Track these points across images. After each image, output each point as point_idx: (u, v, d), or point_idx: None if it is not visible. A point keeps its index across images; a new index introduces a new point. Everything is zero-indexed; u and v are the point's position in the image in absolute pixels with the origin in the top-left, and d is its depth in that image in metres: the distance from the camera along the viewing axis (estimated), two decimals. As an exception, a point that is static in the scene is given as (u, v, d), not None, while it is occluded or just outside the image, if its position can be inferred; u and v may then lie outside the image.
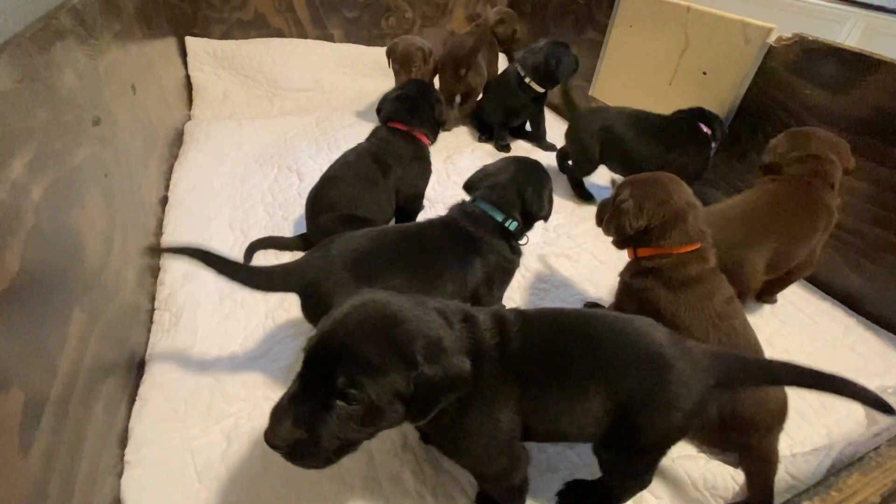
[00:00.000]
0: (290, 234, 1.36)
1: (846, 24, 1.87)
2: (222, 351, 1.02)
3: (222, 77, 2.17)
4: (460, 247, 0.93)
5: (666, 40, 1.70)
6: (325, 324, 0.56)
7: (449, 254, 0.92)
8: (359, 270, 0.84)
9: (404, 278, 0.86)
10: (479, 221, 0.95)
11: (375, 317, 0.55)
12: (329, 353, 0.53)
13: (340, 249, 0.87)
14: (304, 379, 0.55)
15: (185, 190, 1.47)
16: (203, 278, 1.19)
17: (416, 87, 1.27)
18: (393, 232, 0.96)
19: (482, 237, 0.94)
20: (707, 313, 0.86)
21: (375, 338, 0.54)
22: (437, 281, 0.90)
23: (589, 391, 0.64)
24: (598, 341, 0.66)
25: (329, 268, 0.84)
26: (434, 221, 0.98)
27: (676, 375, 0.64)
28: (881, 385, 1.04)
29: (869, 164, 1.20)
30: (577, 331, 0.68)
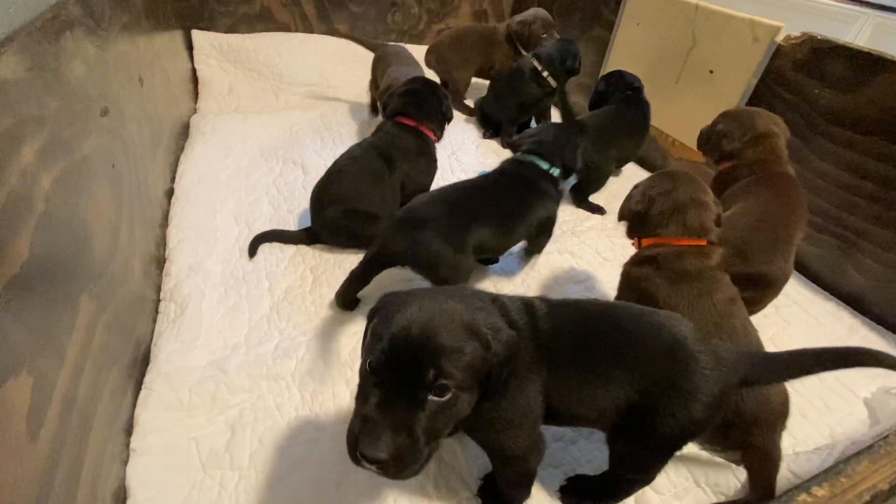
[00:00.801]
0: (295, 227, 1.36)
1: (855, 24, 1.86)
2: (227, 342, 1.03)
3: (228, 71, 2.17)
4: (524, 192, 1.09)
5: (673, 38, 1.69)
6: (395, 329, 0.54)
7: (518, 199, 1.08)
8: (456, 222, 0.99)
9: (490, 226, 1.03)
10: (531, 170, 1.12)
11: (440, 311, 0.56)
12: (411, 351, 0.53)
13: (429, 212, 0.99)
14: (386, 385, 0.54)
15: (191, 182, 1.48)
16: (208, 269, 1.20)
17: (422, 83, 1.27)
18: (465, 187, 1.09)
19: (538, 183, 1.11)
20: (707, 311, 0.85)
21: (450, 328, 0.55)
22: (516, 224, 1.07)
23: (613, 376, 0.65)
24: (622, 328, 0.68)
25: (430, 226, 0.97)
26: (492, 175, 1.12)
27: (699, 367, 0.64)
28: (884, 386, 1.04)
29: (876, 163, 1.19)
30: (602, 317, 0.70)
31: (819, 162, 1.31)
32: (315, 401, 0.93)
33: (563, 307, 0.70)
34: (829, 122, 1.28)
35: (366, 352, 0.59)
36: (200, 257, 1.23)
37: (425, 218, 0.98)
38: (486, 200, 1.06)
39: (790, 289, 1.32)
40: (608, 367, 0.65)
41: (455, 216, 1.00)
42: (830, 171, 1.29)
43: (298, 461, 0.83)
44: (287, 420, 0.89)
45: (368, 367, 0.55)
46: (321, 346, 1.03)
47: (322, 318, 1.10)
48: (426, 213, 0.99)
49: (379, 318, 0.58)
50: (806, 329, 1.19)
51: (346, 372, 0.98)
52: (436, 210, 1.00)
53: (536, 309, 0.68)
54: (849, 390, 1.04)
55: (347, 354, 1.02)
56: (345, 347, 1.03)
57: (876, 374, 1.08)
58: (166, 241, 1.27)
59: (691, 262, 0.88)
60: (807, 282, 1.35)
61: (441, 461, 0.84)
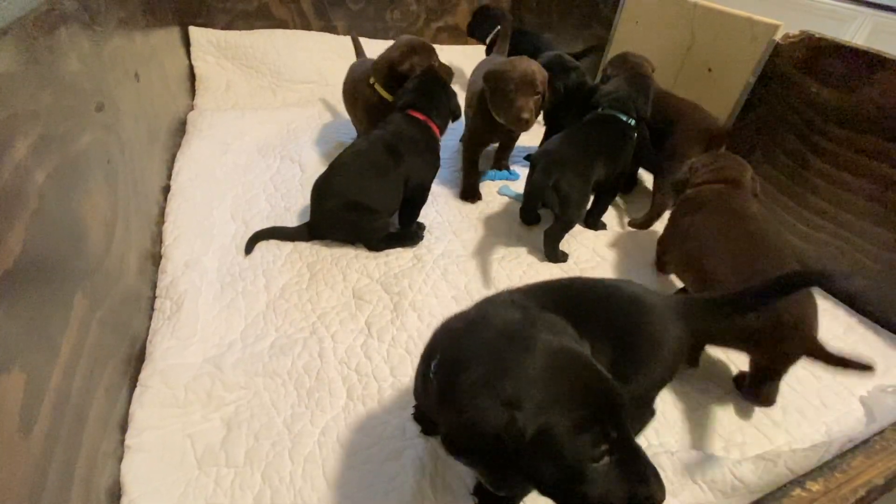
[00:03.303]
0: (293, 224, 1.35)
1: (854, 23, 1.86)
2: (223, 339, 1.02)
3: (225, 67, 2.16)
4: (618, 138, 1.34)
5: (671, 37, 1.69)
6: (574, 379, 0.51)
7: (615, 143, 1.34)
8: (586, 162, 1.27)
9: (605, 165, 1.31)
10: (617, 122, 1.35)
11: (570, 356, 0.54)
12: (606, 394, 0.50)
13: (567, 153, 1.26)
14: (614, 433, 0.49)
15: (188, 179, 1.47)
16: (205, 266, 1.20)
17: (432, 78, 1.28)
18: (584, 132, 1.34)
19: (626, 131, 1.34)
20: (743, 230, 0.99)
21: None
22: (617, 165, 1.34)
23: (596, 334, 0.68)
24: (589, 293, 0.76)
25: (570, 166, 1.25)
26: (588, 122, 1.37)
27: (657, 315, 0.73)
28: (880, 384, 1.04)
29: (873, 162, 1.19)
30: (568, 289, 0.78)
31: (817, 160, 1.31)
32: (311, 398, 0.92)
33: (533, 290, 0.75)
34: (827, 120, 1.28)
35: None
36: (197, 254, 1.22)
37: (565, 158, 1.24)
38: (599, 144, 1.31)
39: (787, 287, 1.32)
40: (589, 327, 0.65)
41: (585, 157, 1.27)
42: (828, 170, 1.29)
43: (294, 459, 0.83)
44: (283, 417, 0.89)
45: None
46: (318, 344, 1.03)
47: (318, 316, 1.09)
48: (564, 154, 1.25)
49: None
50: (803, 327, 1.20)
51: (342, 369, 0.98)
52: (571, 151, 1.26)
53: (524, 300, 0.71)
54: (846, 389, 1.04)
55: (344, 352, 1.01)
56: (341, 345, 1.03)
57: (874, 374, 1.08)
58: (162, 237, 1.26)
59: (728, 193, 1.08)
60: (804, 280, 1.35)
61: (437, 457, 0.84)
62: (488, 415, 0.48)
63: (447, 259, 1.30)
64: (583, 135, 1.33)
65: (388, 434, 0.87)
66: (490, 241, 1.38)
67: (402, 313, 1.11)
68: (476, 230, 1.43)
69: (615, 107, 1.37)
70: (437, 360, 0.60)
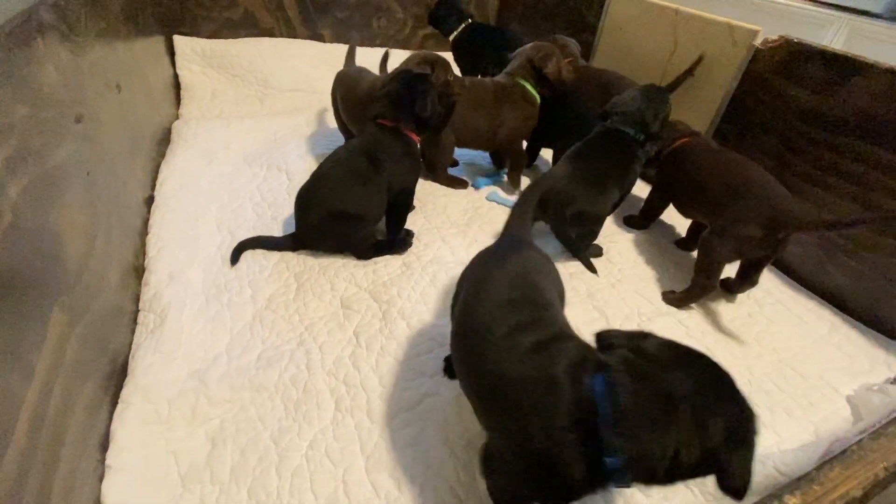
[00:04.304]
0: (280, 233, 1.34)
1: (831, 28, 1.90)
2: (207, 353, 1.01)
3: (211, 76, 2.15)
4: (625, 157, 1.32)
5: (655, 42, 1.71)
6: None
7: (622, 163, 1.32)
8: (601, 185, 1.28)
9: (617, 187, 1.31)
10: (624, 138, 1.32)
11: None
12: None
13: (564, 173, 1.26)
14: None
15: (172, 189, 1.45)
16: (189, 278, 1.18)
17: (401, 81, 1.25)
18: (587, 144, 1.34)
19: (632, 148, 1.32)
20: (718, 163, 1.24)
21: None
22: (625, 184, 1.35)
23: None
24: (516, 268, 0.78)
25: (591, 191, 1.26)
26: (593, 138, 1.35)
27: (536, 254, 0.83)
28: (866, 383, 1.05)
29: (852, 163, 1.21)
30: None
31: (798, 162, 1.33)
32: (298, 411, 0.91)
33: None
34: (807, 123, 1.31)
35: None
36: (181, 266, 1.20)
37: (576, 194, 1.23)
38: (606, 166, 1.30)
39: (773, 287, 1.34)
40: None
41: (596, 184, 1.27)
42: (810, 172, 1.31)
43: (281, 473, 0.81)
44: (270, 432, 0.88)
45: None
46: (305, 355, 1.01)
47: (306, 326, 1.08)
48: (575, 189, 1.24)
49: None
50: (789, 328, 1.21)
51: (330, 381, 0.97)
52: (579, 184, 1.24)
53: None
54: (832, 388, 1.05)
55: (332, 363, 1.00)
56: (329, 356, 1.01)
57: (859, 372, 1.10)
58: (146, 249, 1.24)
59: (697, 141, 1.34)
60: (789, 280, 1.37)
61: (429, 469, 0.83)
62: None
63: (436, 266, 1.30)
64: (589, 162, 1.29)
65: (378, 445, 0.86)
66: (479, 247, 1.38)
67: (391, 322, 1.10)
68: (465, 236, 1.43)
69: (622, 121, 1.34)
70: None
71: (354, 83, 1.58)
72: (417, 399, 0.94)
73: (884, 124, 1.15)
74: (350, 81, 1.60)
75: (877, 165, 1.17)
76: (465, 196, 1.63)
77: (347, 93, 1.60)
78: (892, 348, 1.15)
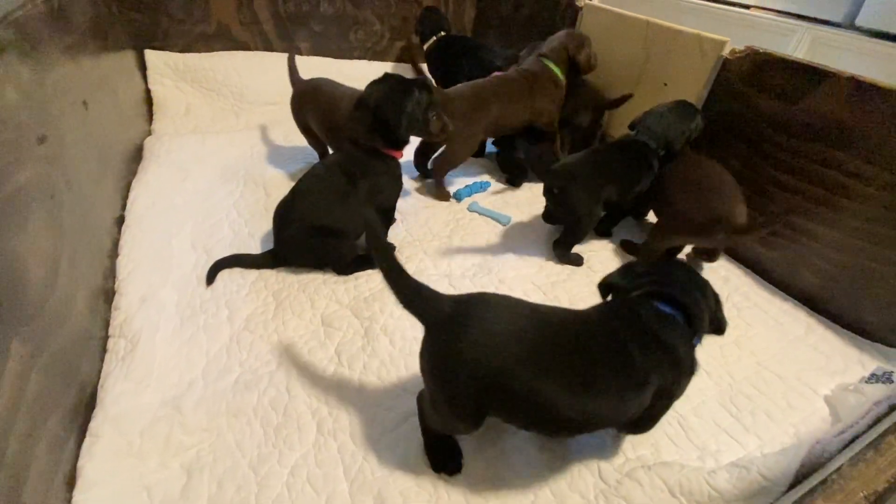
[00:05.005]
0: (257, 251, 1.31)
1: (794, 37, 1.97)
2: (182, 378, 0.97)
3: (184, 91, 2.11)
4: (639, 165, 1.35)
5: (627, 53, 1.75)
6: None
7: (635, 169, 1.35)
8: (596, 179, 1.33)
9: (616, 186, 1.34)
10: (644, 148, 1.37)
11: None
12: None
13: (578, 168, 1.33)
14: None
15: (144, 208, 1.41)
16: (162, 300, 1.14)
17: (376, 99, 1.19)
18: (603, 152, 1.39)
19: (649, 158, 1.36)
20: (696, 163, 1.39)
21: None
22: (632, 188, 1.37)
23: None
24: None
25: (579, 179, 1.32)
26: (615, 143, 1.42)
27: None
28: (842, 382, 1.07)
29: (822, 169, 1.25)
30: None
31: (769, 169, 1.37)
32: (279, 436, 0.88)
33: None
34: (775, 130, 1.34)
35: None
36: (154, 287, 1.17)
37: (576, 172, 1.30)
38: (616, 168, 1.34)
39: (751, 291, 1.36)
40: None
41: (596, 176, 1.31)
42: (780, 178, 1.35)
43: (261, 503, 0.78)
44: (248, 459, 0.84)
45: None
46: (285, 376, 0.98)
47: (286, 347, 1.05)
48: (576, 169, 1.30)
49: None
50: (766, 330, 1.23)
51: (311, 403, 0.94)
52: (584, 168, 1.31)
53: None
54: (810, 388, 1.07)
55: (313, 384, 0.98)
56: (309, 376, 0.99)
57: (835, 372, 1.12)
58: (116, 271, 1.19)
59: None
60: (765, 283, 1.40)
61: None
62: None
63: (418, 278, 1.28)
64: (603, 156, 1.37)
65: (362, 468, 0.84)
66: (461, 259, 1.38)
67: (374, 339, 1.08)
68: (447, 248, 1.42)
69: (648, 134, 1.38)
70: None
71: (333, 99, 1.54)
72: (401, 418, 0.92)
73: (848, 130, 1.19)
74: (326, 97, 1.56)
75: (843, 170, 1.21)
76: (447, 207, 1.63)
77: (326, 109, 1.55)
78: (864, 347, 1.18)
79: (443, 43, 2.18)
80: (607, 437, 0.92)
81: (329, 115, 1.54)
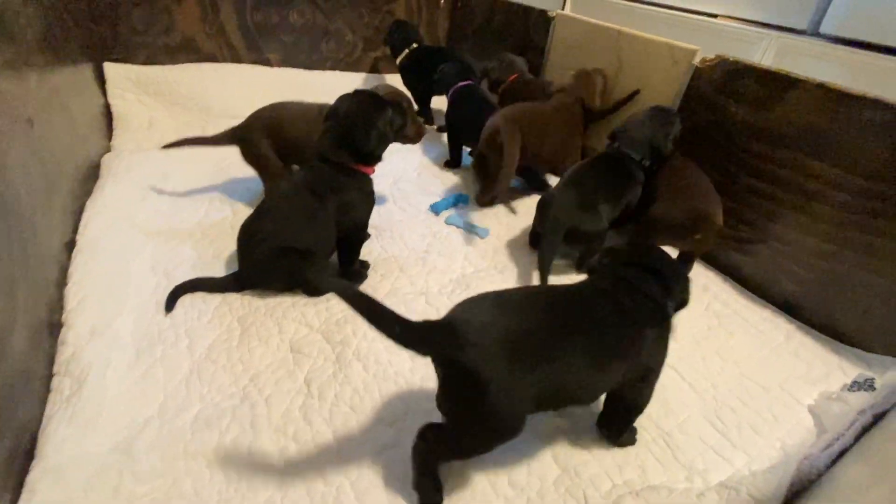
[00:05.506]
0: (223, 273, 1.24)
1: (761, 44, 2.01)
2: (135, 418, 0.89)
3: (147, 104, 2.02)
4: (624, 175, 1.36)
5: (601, 62, 1.74)
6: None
7: (623, 184, 1.35)
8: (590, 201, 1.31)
9: (611, 203, 1.32)
10: (628, 161, 1.36)
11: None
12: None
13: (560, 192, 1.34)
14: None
15: (99, 230, 1.32)
16: (116, 331, 1.05)
17: (345, 113, 1.15)
18: (587, 164, 1.38)
19: (635, 172, 1.36)
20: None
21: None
22: (623, 202, 1.36)
23: None
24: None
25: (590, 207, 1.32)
26: (597, 159, 1.39)
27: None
28: (825, 391, 1.06)
29: (795, 175, 1.26)
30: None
31: (744, 176, 1.37)
32: (242, 479, 0.81)
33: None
34: (748, 138, 1.35)
35: None
36: (108, 317, 1.08)
37: (591, 202, 1.29)
38: (602, 186, 1.32)
39: (730, 299, 1.36)
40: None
41: (591, 199, 1.29)
42: (754, 184, 1.35)
43: (220, 558, 0.71)
44: (207, 507, 0.77)
45: None
46: (250, 411, 0.91)
47: (251, 377, 0.98)
48: (563, 197, 1.29)
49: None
50: (748, 338, 1.22)
51: (278, 440, 0.87)
52: (568, 192, 1.30)
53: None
54: (794, 398, 1.05)
55: (280, 418, 0.91)
56: (276, 410, 0.92)
57: (817, 379, 1.11)
58: (64, 302, 1.10)
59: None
60: (744, 290, 1.39)
61: None
62: None
63: (394, 298, 1.23)
64: (584, 178, 1.33)
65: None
66: (438, 275, 1.33)
67: (346, 365, 1.02)
68: (424, 264, 1.38)
69: (628, 144, 1.37)
70: None
71: (293, 118, 1.47)
72: (376, 451, 0.86)
73: (820, 137, 1.19)
74: (288, 116, 1.48)
75: (817, 177, 1.21)
76: (424, 221, 1.59)
77: (289, 129, 1.47)
78: (844, 353, 1.18)
79: (416, 55, 2.16)
80: (591, 457, 0.88)
81: (290, 134, 1.46)
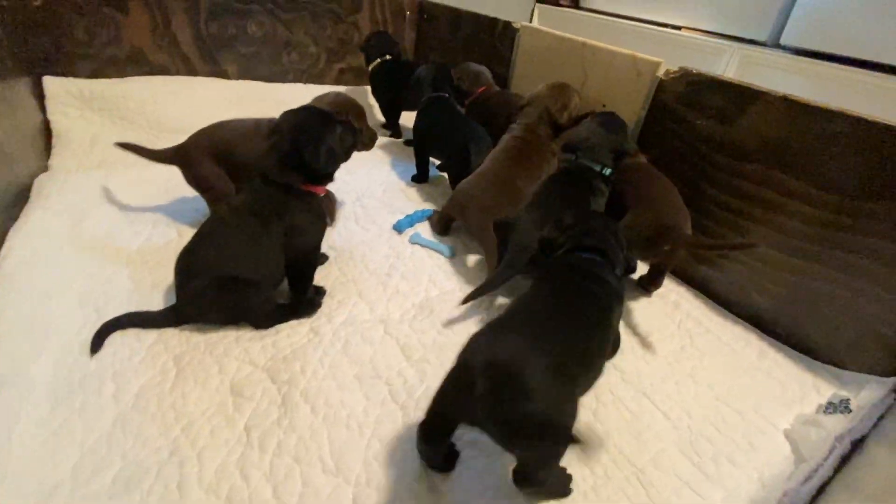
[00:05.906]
0: (161, 305, 1.13)
1: (724, 56, 2.03)
2: (43, 484, 0.77)
3: (91, 120, 1.89)
4: (586, 190, 1.29)
5: (566, 74, 1.71)
6: None
7: (583, 195, 1.28)
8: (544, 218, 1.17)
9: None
10: (589, 173, 1.31)
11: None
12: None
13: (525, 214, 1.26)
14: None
15: (19, 262, 1.19)
16: (31, 379, 0.93)
17: (286, 128, 1.06)
18: (549, 183, 1.32)
19: (595, 183, 1.30)
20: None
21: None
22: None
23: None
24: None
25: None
26: (557, 175, 1.34)
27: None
28: (801, 414, 1.02)
29: (759, 188, 1.23)
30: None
31: (710, 189, 1.34)
32: (162, 552, 0.71)
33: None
34: (713, 150, 1.32)
35: None
36: (21, 363, 0.96)
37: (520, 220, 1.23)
38: (573, 201, 1.25)
39: (703, 316, 1.32)
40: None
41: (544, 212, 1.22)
42: (719, 197, 1.32)
43: None
44: (118, 591, 0.66)
45: None
46: (178, 468, 0.81)
47: (182, 427, 0.88)
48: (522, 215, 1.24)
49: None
50: (721, 358, 1.18)
51: (209, 501, 0.77)
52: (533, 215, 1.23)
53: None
54: (770, 423, 1.01)
55: (213, 475, 0.81)
56: (209, 466, 0.82)
57: (792, 401, 1.07)
58: (-30, 346, 0.98)
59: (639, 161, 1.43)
60: (716, 306, 1.36)
61: None
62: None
63: (350, 327, 1.14)
64: (552, 197, 1.27)
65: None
66: (400, 300, 1.25)
67: (292, 408, 0.92)
68: (385, 287, 1.29)
69: (591, 156, 1.32)
70: None
71: (245, 136, 1.37)
72: (322, 509, 0.77)
73: (784, 149, 1.17)
74: (238, 136, 1.38)
75: (782, 189, 1.19)
76: (387, 241, 1.51)
77: (240, 149, 1.37)
78: (817, 370, 1.15)
79: (386, 66, 2.13)
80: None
81: (242, 153, 1.36)
